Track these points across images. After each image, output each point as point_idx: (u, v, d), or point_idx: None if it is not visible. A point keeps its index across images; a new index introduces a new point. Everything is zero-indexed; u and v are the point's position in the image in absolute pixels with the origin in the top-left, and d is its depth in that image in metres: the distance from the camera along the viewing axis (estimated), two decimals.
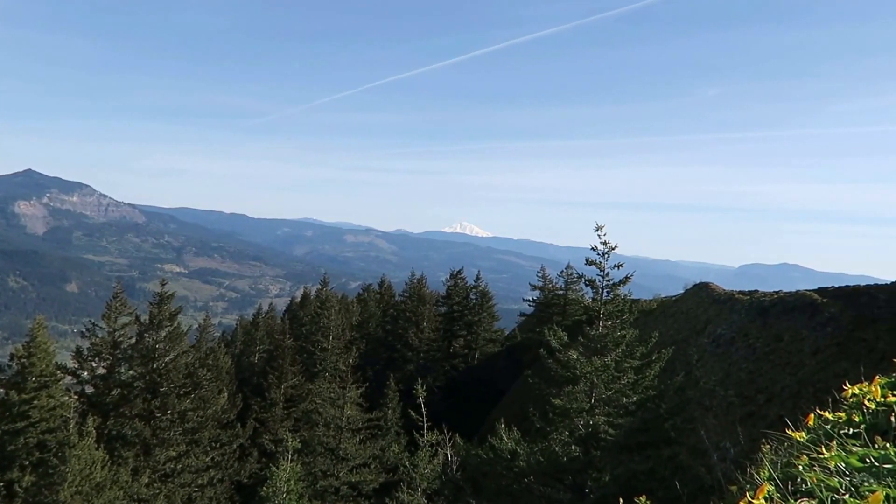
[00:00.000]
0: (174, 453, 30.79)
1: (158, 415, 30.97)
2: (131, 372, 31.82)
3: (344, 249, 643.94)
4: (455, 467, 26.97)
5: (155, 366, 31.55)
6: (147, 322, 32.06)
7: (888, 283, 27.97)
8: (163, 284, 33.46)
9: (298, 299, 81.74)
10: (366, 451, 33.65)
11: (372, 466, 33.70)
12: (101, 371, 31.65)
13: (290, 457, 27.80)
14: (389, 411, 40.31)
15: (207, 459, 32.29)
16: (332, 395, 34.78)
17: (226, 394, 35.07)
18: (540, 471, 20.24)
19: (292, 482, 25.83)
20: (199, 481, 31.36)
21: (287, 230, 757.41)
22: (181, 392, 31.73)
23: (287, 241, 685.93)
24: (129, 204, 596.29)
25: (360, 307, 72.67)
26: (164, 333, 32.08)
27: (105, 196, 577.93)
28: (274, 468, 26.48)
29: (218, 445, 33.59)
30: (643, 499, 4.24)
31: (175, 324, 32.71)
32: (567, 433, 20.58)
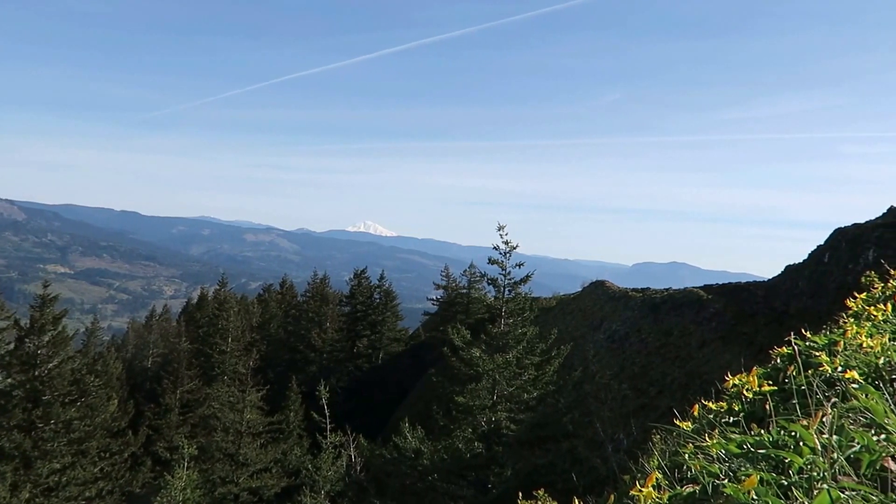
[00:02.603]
0: (58, 465, 29.08)
1: (41, 425, 29.14)
2: (9, 380, 29.89)
3: (244, 249, 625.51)
4: (359, 468, 26.84)
5: (37, 373, 29.70)
6: (28, 326, 30.19)
7: (765, 280, 29.97)
8: (45, 286, 31.54)
9: (195, 300, 78.89)
10: (267, 456, 32.93)
11: (273, 471, 33.04)
12: None
13: (186, 464, 26.85)
14: (291, 414, 39.57)
15: (96, 470, 30.75)
16: (232, 398, 33.85)
17: (116, 400, 33.43)
18: (444, 468, 20.44)
19: (188, 490, 25.03)
20: (87, 494, 29.81)
21: (183, 228, 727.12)
22: (66, 400, 30.03)
23: (183, 239, 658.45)
24: (6, 200, 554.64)
25: (260, 308, 70.95)
26: (46, 338, 30.26)
27: None
28: (169, 476, 25.58)
29: (107, 455, 32.01)
30: (542, 492, 4.37)
31: (59, 328, 30.93)
32: (470, 430, 20.90)
